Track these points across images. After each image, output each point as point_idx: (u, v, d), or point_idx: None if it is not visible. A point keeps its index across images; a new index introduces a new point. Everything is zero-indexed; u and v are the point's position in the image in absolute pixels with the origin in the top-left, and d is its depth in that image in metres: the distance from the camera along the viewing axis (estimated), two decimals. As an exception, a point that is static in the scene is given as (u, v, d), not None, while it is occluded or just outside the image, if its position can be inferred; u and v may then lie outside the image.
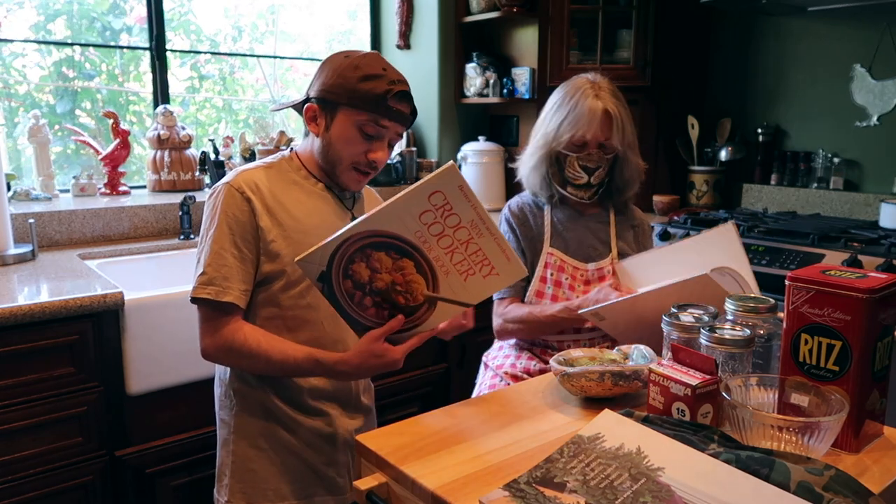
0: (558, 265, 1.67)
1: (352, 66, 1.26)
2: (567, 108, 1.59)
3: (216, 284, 1.22)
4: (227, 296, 1.22)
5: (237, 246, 1.24)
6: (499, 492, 0.81)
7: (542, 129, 1.66)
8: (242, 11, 3.03)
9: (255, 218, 1.25)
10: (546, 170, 1.66)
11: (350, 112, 1.27)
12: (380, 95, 1.25)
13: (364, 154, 1.30)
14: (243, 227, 1.25)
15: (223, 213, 1.24)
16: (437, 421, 1.08)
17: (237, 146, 2.88)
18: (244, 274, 1.25)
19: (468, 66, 3.11)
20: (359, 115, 1.27)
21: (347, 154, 1.30)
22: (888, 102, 2.69)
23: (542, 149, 1.64)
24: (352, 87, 1.25)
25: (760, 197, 3.06)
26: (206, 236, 1.26)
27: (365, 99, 1.25)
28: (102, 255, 2.19)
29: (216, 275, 1.22)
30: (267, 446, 1.35)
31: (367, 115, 1.26)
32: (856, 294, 0.92)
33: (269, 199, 1.28)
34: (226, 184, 1.27)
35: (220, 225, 1.24)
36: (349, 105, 1.26)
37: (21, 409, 1.61)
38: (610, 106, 1.58)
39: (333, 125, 1.29)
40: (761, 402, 0.99)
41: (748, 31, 3.09)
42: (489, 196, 3.13)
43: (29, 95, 2.59)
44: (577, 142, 1.60)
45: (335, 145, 1.30)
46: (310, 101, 1.31)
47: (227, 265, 1.23)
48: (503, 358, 1.72)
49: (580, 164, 1.62)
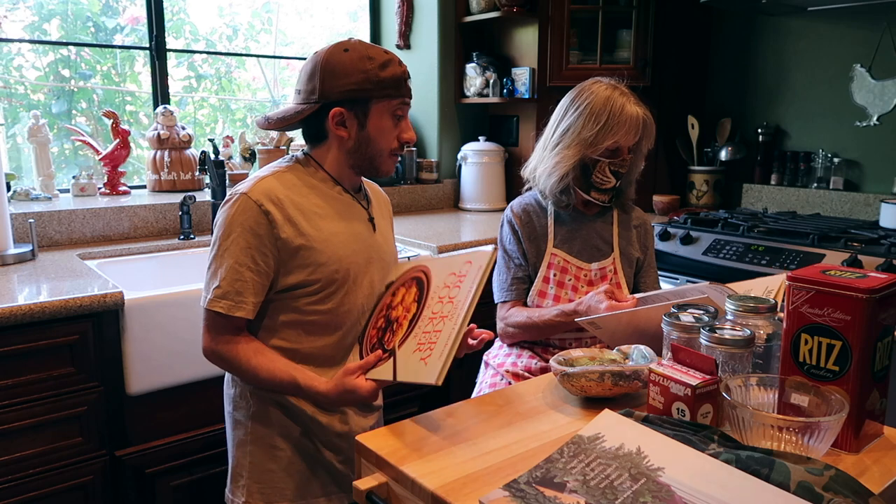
0: (561, 266, 1.68)
1: (363, 57, 1.26)
2: (606, 116, 1.57)
3: (229, 299, 1.23)
4: (239, 311, 1.24)
5: (254, 259, 1.23)
6: (499, 492, 0.81)
7: (571, 135, 1.61)
8: (237, 10, 3.03)
9: (274, 230, 1.24)
10: (574, 175, 1.63)
11: (383, 102, 1.29)
12: (400, 77, 1.29)
13: (397, 138, 1.33)
14: (261, 241, 1.23)
15: (241, 225, 1.23)
16: (437, 421, 1.08)
17: (237, 146, 2.88)
18: (259, 287, 1.25)
19: (468, 66, 3.11)
20: (391, 102, 1.29)
21: (386, 142, 1.32)
22: (888, 102, 2.69)
23: (575, 156, 1.61)
24: (377, 78, 1.26)
25: (760, 197, 3.06)
26: (222, 246, 1.24)
27: (392, 85, 1.28)
28: (102, 255, 2.19)
29: (230, 289, 1.23)
30: (284, 446, 1.35)
31: (397, 100, 1.30)
32: (856, 294, 0.92)
33: (289, 210, 1.26)
34: (244, 194, 1.25)
35: (237, 238, 1.23)
36: (382, 96, 1.28)
37: (21, 409, 1.61)
38: (643, 112, 1.60)
39: (370, 121, 1.29)
40: (761, 402, 0.99)
41: (748, 31, 3.09)
42: (489, 196, 3.13)
43: (25, 96, 2.59)
44: (613, 147, 1.60)
45: (375, 139, 1.31)
46: (332, 106, 1.27)
47: (243, 279, 1.23)
48: (504, 356, 1.73)
49: (611, 170, 1.62)
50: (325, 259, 1.27)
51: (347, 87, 1.25)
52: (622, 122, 1.57)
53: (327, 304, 1.30)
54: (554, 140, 1.66)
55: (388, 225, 1.50)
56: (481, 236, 2.46)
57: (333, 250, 1.29)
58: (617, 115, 1.57)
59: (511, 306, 1.69)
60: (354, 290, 1.32)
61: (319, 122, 1.30)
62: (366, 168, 1.35)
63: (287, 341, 1.30)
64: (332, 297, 1.30)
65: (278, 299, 1.29)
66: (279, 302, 1.29)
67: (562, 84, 2.82)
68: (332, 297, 1.30)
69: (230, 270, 1.23)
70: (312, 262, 1.26)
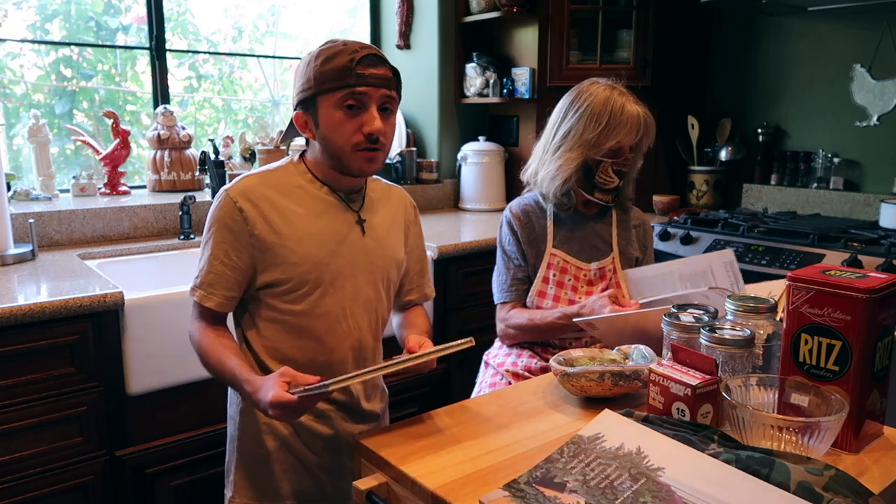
0: (561, 266, 1.68)
1: (313, 57, 1.26)
2: (608, 116, 1.57)
3: (202, 289, 1.29)
4: (208, 301, 1.28)
5: (227, 254, 1.28)
6: (499, 492, 0.81)
7: (573, 137, 1.61)
8: (243, 11, 3.03)
9: (248, 226, 1.27)
10: (577, 177, 1.63)
11: (326, 96, 1.25)
12: (345, 66, 1.23)
13: (358, 131, 1.26)
14: (235, 236, 1.27)
15: (218, 220, 1.29)
16: (437, 421, 1.08)
17: (237, 146, 2.88)
18: (230, 281, 1.28)
19: (468, 66, 3.11)
20: (334, 94, 1.24)
21: (342, 137, 1.26)
22: (888, 102, 2.69)
23: (578, 158, 1.61)
24: (318, 73, 1.24)
25: (760, 197, 3.06)
26: (203, 241, 1.32)
27: (333, 77, 1.23)
28: (102, 255, 2.19)
29: (204, 280, 1.29)
30: (271, 444, 1.35)
31: (342, 91, 1.24)
32: (856, 294, 0.92)
33: (264, 207, 1.28)
34: (224, 192, 1.30)
35: (214, 233, 1.29)
36: (323, 91, 1.24)
37: (21, 409, 1.61)
38: (643, 110, 1.61)
39: (320, 118, 1.27)
40: (761, 402, 0.99)
41: (748, 31, 3.09)
42: (489, 196, 3.13)
43: (27, 96, 2.59)
44: (615, 147, 1.60)
45: (329, 136, 1.27)
46: (295, 111, 1.31)
47: (215, 272, 1.28)
48: (504, 356, 1.73)
49: (614, 170, 1.62)
50: (297, 259, 1.27)
51: (299, 90, 1.28)
52: (624, 122, 1.58)
53: (300, 305, 1.29)
54: (555, 143, 1.65)
55: (399, 228, 1.46)
56: (481, 236, 2.46)
57: (306, 250, 1.28)
58: (618, 115, 1.57)
59: (511, 307, 1.69)
60: (332, 292, 1.30)
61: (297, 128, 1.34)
62: (340, 168, 1.31)
63: (270, 340, 1.32)
64: (306, 299, 1.29)
65: (257, 297, 1.31)
66: (259, 300, 1.32)
67: (562, 84, 2.82)
68: (306, 298, 1.29)
69: (206, 263, 1.29)
70: (284, 260, 1.28)
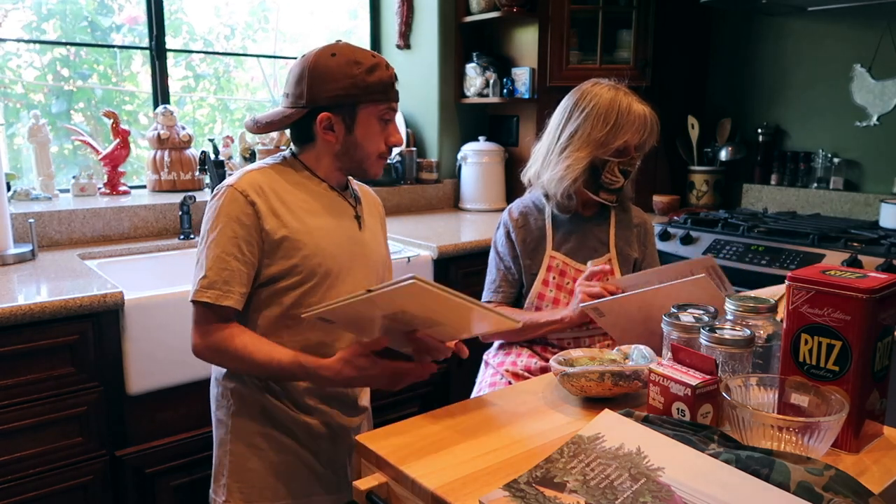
0: (560, 268, 1.68)
1: (350, 62, 1.27)
2: (615, 116, 1.58)
3: (217, 288, 1.23)
4: (227, 300, 1.23)
5: (241, 249, 1.24)
6: (499, 492, 0.81)
7: (580, 138, 1.60)
8: (234, 9, 3.02)
9: (259, 221, 1.25)
10: (583, 177, 1.63)
11: (370, 107, 1.30)
12: (387, 82, 1.30)
13: (384, 142, 1.34)
14: (247, 231, 1.25)
15: (227, 215, 1.25)
16: (437, 421, 1.08)
17: (237, 146, 2.88)
18: (245, 277, 1.25)
19: (468, 66, 3.10)
20: (377, 106, 1.30)
21: (373, 146, 1.33)
22: (888, 102, 2.69)
23: (586, 158, 1.60)
24: (364, 83, 1.27)
25: (760, 197, 3.06)
26: (208, 238, 1.26)
27: (380, 89, 1.29)
28: (102, 255, 2.19)
29: (217, 278, 1.23)
30: (265, 446, 1.35)
31: (384, 105, 1.31)
32: (856, 294, 0.92)
33: (273, 201, 1.28)
34: (230, 186, 1.27)
35: (223, 228, 1.24)
36: (369, 101, 1.29)
37: (21, 409, 1.61)
38: (648, 110, 1.61)
39: (357, 125, 1.30)
40: (761, 402, 0.99)
41: (748, 31, 3.09)
42: (489, 196, 3.13)
43: (24, 95, 2.59)
44: (622, 147, 1.61)
45: (362, 144, 1.32)
46: (320, 111, 1.28)
47: (230, 269, 1.23)
48: (504, 356, 1.73)
49: (620, 169, 1.62)
50: (308, 251, 1.28)
51: (335, 93, 1.27)
52: (631, 122, 1.58)
53: (308, 298, 1.29)
54: (561, 143, 1.64)
55: (379, 226, 1.49)
56: (481, 236, 2.46)
57: (316, 243, 1.29)
58: (625, 115, 1.58)
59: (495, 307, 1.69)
60: (337, 286, 1.31)
61: (307, 126, 1.32)
62: (354, 171, 1.37)
63: (269, 334, 1.30)
64: (314, 292, 1.29)
65: (261, 293, 1.29)
66: (262, 297, 1.29)
67: (562, 84, 2.82)
68: (314, 291, 1.29)
69: (217, 260, 1.23)
70: (294, 253, 1.27)
